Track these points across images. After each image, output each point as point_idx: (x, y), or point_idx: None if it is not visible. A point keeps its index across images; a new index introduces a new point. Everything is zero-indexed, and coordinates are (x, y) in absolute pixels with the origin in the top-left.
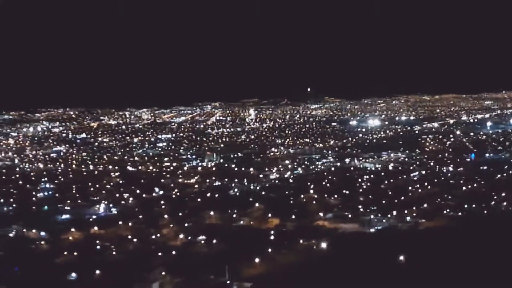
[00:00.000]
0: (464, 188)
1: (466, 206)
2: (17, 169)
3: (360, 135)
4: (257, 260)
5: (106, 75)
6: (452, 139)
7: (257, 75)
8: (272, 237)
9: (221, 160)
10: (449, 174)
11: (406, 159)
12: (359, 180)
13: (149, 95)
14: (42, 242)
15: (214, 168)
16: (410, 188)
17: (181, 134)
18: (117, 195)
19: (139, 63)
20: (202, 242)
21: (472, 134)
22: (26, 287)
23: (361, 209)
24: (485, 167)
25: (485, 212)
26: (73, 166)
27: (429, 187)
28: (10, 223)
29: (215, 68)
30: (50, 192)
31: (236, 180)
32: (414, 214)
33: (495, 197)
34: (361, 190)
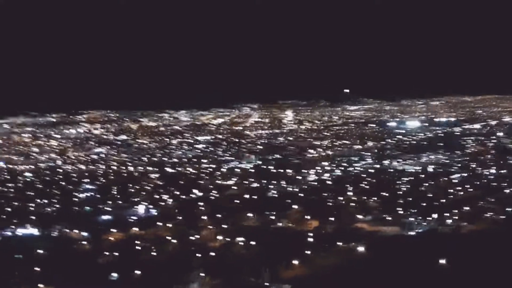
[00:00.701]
0: (506, 190)
1: (509, 209)
2: (60, 170)
3: (399, 136)
4: (295, 262)
5: (145, 78)
6: (494, 141)
7: (294, 76)
8: (310, 239)
9: (259, 162)
10: (491, 176)
11: (447, 161)
12: (399, 182)
13: (187, 97)
14: (84, 242)
15: (252, 170)
16: (450, 190)
17: (220, 136)
18: (157, 196)
19: (178, 65)
20: (241, 243)
21: None
22: (69, 287)
23: (401, 212)
24: None
25: None
26: (114, 167)
27: (470, 189)
28: (53, 223)
29: (252, 69)
30: (91, 193)
31: (274, 182)
32: (455, 217)
33: None
34: (400, 192)
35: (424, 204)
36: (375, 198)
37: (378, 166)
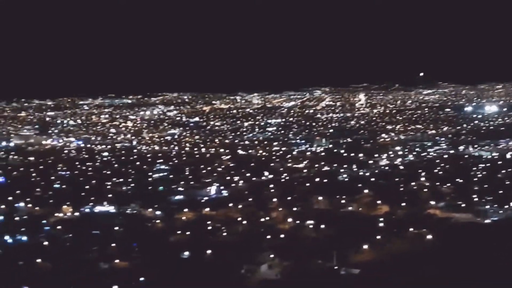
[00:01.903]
0: None
1: None
2: (135, 150)
3: (476, 121)
4: (365, 246)
5: (218, 61)
6: None
7: (368, 59)
8: (381, 224)
9: (330, 145)
10: None
11: None
12: (474, 168)
13: (259, 80)
14: (157, 221)
15: (323, 153)
16: None
17: (291, 119)
18: (228, 178)
19: (251, 49)
20: (310, 226)
21: None
22: (143, 263)
23: (476, 199)
24: None
25: None
26: (186, 148)
27: None
28: (129, 202)
29: (325, 52)
30: (165, 173)
31: (345, 165)
32: None
33: None
34: (475, 179)
35: (501, 191)
36: (449, 184)
37: (452, 151)
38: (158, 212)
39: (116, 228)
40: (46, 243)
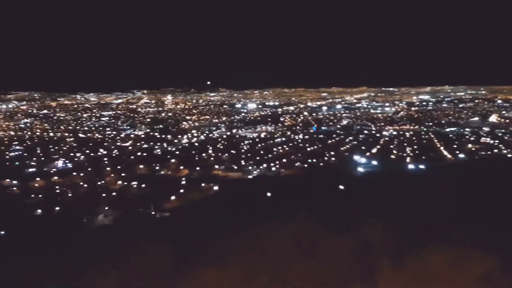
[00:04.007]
0: (308, 149)
1: (309, 160)
2: None
3: (243, 114)
4: (173, 197)
5: (61, 65)
6: (301, 117)
7: (173, 69)
8: (183, 182)
9: (148, 130)
10: (299, 140)
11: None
12: (242, 144)
13: (95, 83)
14: (15, 188)
15: (143, 135)
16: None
17: (119, 112)
18: (72, 154)
19: (89, 56)
20: (135, 186)
21: None
22: (2, 221)
23: (243, 162)
24: None
25: None
26: (37, 133)
27: (286, 148)
28: None
29: (142, 63)
30: (19, 152)
31: (158, 143)
32: (277, 166)
33: None
34: (243, 150)
35: (258, 157)
36: (226, 154)
37: (228, 133)
38: (14, 182)
39: None
40: None
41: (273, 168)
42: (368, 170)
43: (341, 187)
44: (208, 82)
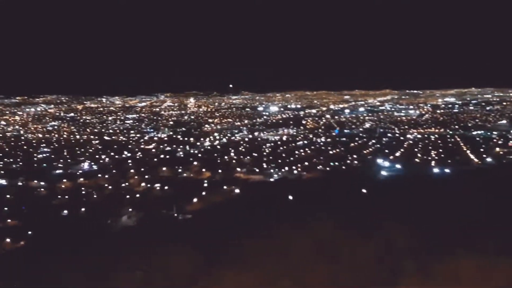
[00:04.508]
0: (330, 152)
1: (331, 163)
2: (22, 138)
3: (264, 117)
4: (195, 200)
5: (87, 69)
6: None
7: (197, 73)
8: (205, 185)
9: (171, 133)
10: (321, 143)
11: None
12: (264, 146)
13: (119, 87)
14: (42, 189)
15: (166, 138)
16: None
17: (143, 115)
18: (97, 156)
19: (113, 60)
20: (158, 188)
21: None
22: (31, 221)
23: (265, 166)
24: None
25: None
26: (64, 136)
27: (308, 151)
28: (18, 176)
29: (168, 66)
30: (47, 154)
31: (181, 146)
32: (299, 169)
33: None
34: (264, 153)
35: (280, 161)
36: (248, 157)
37: (250, 136)
38: (42, 183)
39: (8, 196)
40: None
41: (295, 171)
42: (392, 173)
43: (364, 190)
44: (231, 85)
